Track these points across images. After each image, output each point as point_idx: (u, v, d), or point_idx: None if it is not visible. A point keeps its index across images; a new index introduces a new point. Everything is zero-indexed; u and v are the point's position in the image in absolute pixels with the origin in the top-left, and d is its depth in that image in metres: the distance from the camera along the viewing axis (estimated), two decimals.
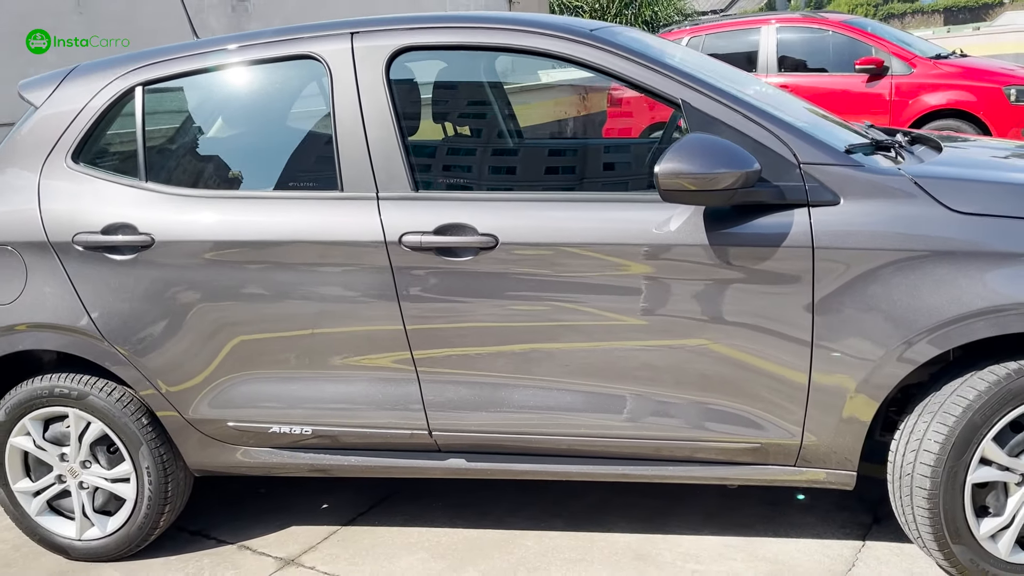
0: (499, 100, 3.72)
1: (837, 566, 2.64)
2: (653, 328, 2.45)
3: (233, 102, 2.97)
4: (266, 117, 3.00)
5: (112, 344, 2.75)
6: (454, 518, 3.10)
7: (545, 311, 2.50)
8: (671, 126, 3.50)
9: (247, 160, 2.95)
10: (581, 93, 11.96)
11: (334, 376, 2.69)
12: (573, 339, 2.51)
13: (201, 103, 2.96)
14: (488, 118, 3.70)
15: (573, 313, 2.49)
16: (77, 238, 2.74)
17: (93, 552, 2.97)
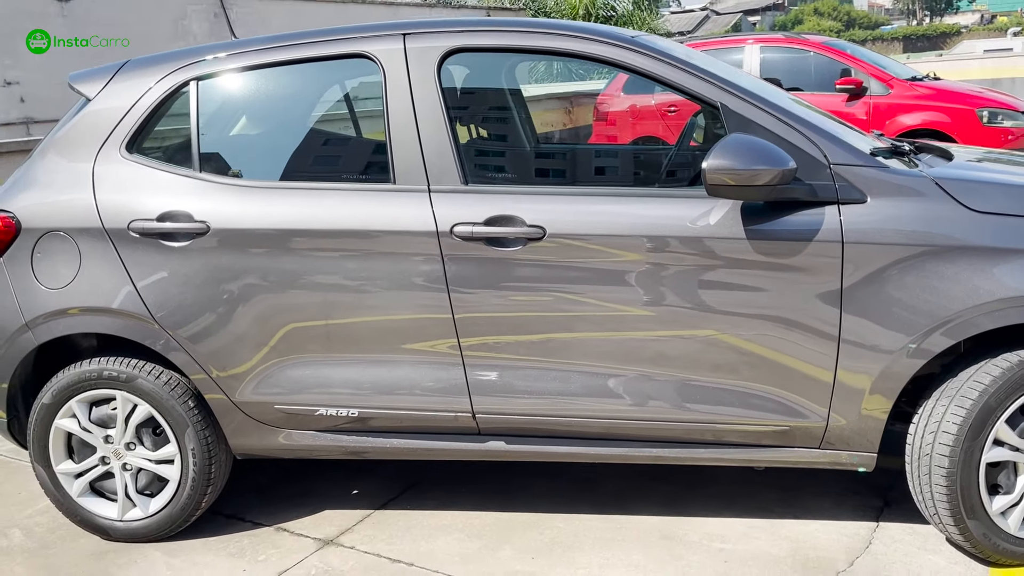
0: (519, 106, 3.89)
1: (855, 544, 2.81)
2: (691, 317, 2.61)
3: (287, 98, 3.09)
4: (319, 113, 3.12)
5: (164, 328, 2.84)
6: (483, 502, 3.23)
7: (589, 300, 2.65)
8: (688, 131, 3.69)
9: (300, 153, 3.07)
10: (567, 107, 12.18)
11: (382, 361, 2.81)
12: (615, 327, 2.66)
13: (255, 98, 3.07)
14: (509, 122, 3.85)
15: (616, 302, 2.64)
16: (133, 225, 2.83)
17: (134, 532, 3.04)
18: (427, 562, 2.84)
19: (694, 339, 2.64)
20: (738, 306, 2.58)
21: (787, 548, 2.81)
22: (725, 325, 2.60)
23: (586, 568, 2.75)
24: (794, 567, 2.70)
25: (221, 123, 3.04)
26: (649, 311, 2.63)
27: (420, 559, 2.86)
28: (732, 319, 2.59)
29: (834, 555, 2.75)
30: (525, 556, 2.85)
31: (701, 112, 3.66)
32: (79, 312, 2.89)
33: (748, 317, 2.58)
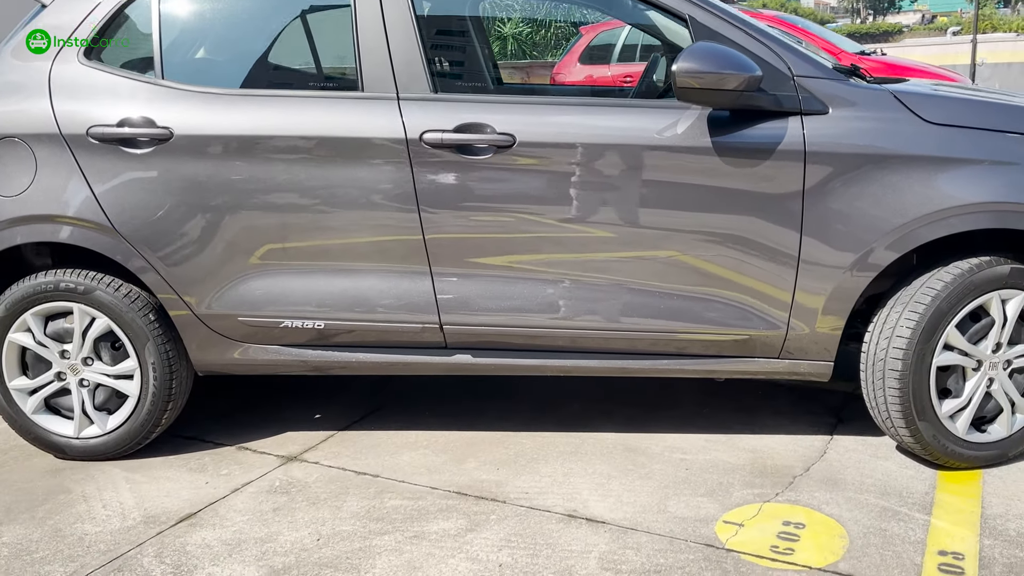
0: (482, 42, 3.89)
1: (811, 453, 2.90)
2: (657, 226, 2.66)
3: (253, 3, 3.04)
4: (286, 20, 3.08)
5: (123, 237, 2.79)
6: (448, 423, 3.24)
7: (558, 208, 2.67)
8: (650, 68, 3.73)
9: (266, 60, 3.03)
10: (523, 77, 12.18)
11: (349, 271, 2.80)
12: (583, 237, 2.69)
13: (220, 3, 3.02)
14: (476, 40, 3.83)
15: (583, 211, 2.67)
16: (92, 131, 2.76)
17: (91, 450, 2.99)
18: (392, 473, 2.85)
19: (659, 248, 2.68)
20: (703, 215, 2.63)
21: (745, 458, 2.88)
22: (690, 234, 2.65)
23: (550, 476, 2.79)
24: (752, 472, 2.77)
25: (185, 29, 2.98)
26: (617, 220, 2.67)
27: (385, 471, 2.87)
28: (697, 228, 2.64)
29: (791, 463, 2.84)
30: (490, 467, 2.88)
31: (663, 54, 3.70)
32: (35, 220, 2.82)
33: (713, 226, 2.64)
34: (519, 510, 2.58)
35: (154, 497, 2.74)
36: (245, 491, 2.76)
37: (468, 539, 2.42)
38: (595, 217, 2.68)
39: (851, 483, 2.68)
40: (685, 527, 2.45)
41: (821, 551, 2.30)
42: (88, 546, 2.45)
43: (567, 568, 2.26)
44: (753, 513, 2.51)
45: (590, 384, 3.66)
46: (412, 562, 2.31)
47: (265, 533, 2.49)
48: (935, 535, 2.37)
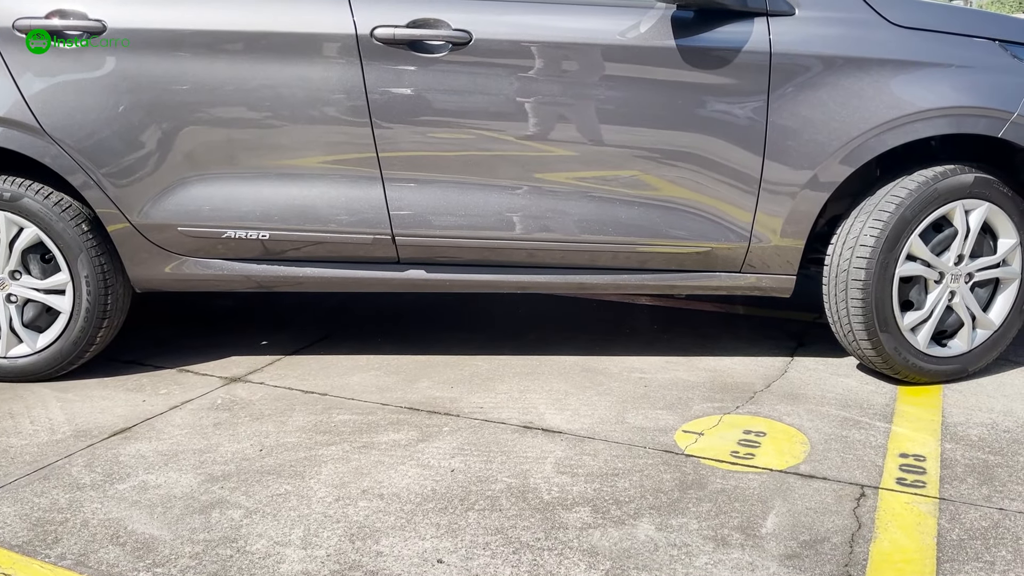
0: None
1: (771, 372, 2.85)
2: (617, 131, 2.56)
3: None
4: None
5: (53, 138, 2.61)
6: (400, 348, 3.13)
7: (514, 110, 2.56)
8: None
9: None
10: None
11: (295, 177, 2.66)
12: (540, 141, 2.59)
13: None
14: None
15: (541, 114, 2.56)
16: (18, 23, 2.57)
17: (20, 370, 2.81)
18: (341, 392, 2.73)
19: (620, 154, 2.59)
20: (666, 119, 2.54)
21: (705, 376, 2.82)
22: (651, 139, 2.56)
23: (506, 393, 2.70)
24: (712, 389, 2.71)
25: None
26: (575, 124, 2.57)
27: (334, 390, 2.75)
28: (659, 133, 2.56)
29: (751, 380, 2.78)
30: (444, 386, 2.77)
31: None
32: None
33: (675, 131, 2.55)
34: (473, 423, 2.48)
35: (86, 414, 2.59)
36: (184, 408, 2.62)
37: (419, 448, 2.32)
38: (554, 121, 2.57)
39: (812, 397, 2.63)
40: (644, 436, 2.37)
41: (782, 455, 2.24)
42: (12, 458, 2.30)
43: (522, 472, 2.17)
44: (713, 424, 2.45)
45: (548, 313, 3.58)
46: (360, 468, 2.21)
47: (204, 445, 2.36)
48: (896, 440, 2.32)
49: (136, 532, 1.91)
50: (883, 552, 1.79)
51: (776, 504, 1.99)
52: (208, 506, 2.02)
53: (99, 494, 2.09)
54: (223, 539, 1.88)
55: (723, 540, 1.84)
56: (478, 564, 1.77)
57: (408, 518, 1.96)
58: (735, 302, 3.66)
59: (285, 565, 1.78)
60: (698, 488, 2.08)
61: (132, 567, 1.78)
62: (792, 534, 1.86)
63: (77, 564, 1.79)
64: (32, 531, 1.92)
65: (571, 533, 1.88)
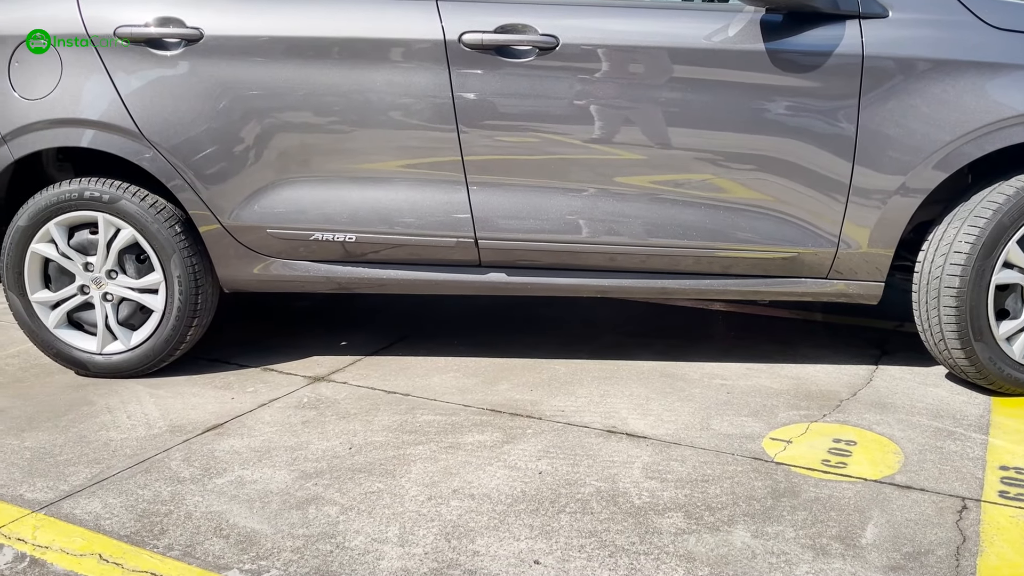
0: None
1: (856, 381, 2.80)
2: (704, 136, 2.55)
3: None
4: None
5: (151, 142, 2.70)
6: (477, 351, 3.16)
7: (600, 115, 2.56)
8: None
9: None
10: None
11: (381, 180, 2.70)
12: (627, 146, 2.58)
13: None
14: None
15: (626, 117, 2.56)
16: (119, 31, 2.67)
17: (114, 367, 2.91)
18: (423, 393, 2.77)
19: (706, 159, 2.57)
20: (754, 123, 2.52)
21: (788, 384, 2.78)
22: (738, 144, 2.54)
23: (586, 397, 2.70)
24: (797, 396, 2.67)
25: None
26: (663, 129, 2.56)
27: (416, 391, 2.78)
28: (747, 137, 2.54)
29: (836, 389, 2.73)
30: (523, 388, 2.79)
31: None
32: (60, 124, 2.73)
33: (764, 135, 2.52)
34: (556, 426, 2.49)
35: (179, 410, 2.66)
36: (272, 406, 2.68)
37: (505, 450, 2.34)
38: (639, 125, 2.57)
39: (901, 407, 2.57)
40: (731, 443, 2.35)
41: (875, 465, 2.20)
42: (114, 451, 2.38)
43: (610, 476, 2.17)
44: (801, 432, 2.42)
45: (623, 318, 3.57)
46: (448, 468, 2.23)
47: (295, 442, 2.41)
48: (994, 452, 2.26)
49: (238, 526, 1.96)
50: (991, 567, 1.74)
51: (874, 514, 1.95)
52: (304, 502, 2.06)
53: (199, 488, 2.15)
54: (322, 535, 1.92)
55: (822, 549, 1.82)
56: (575, 566, 1.78)
57: (501, 519, 1.97)
58: (812, 309, 3.61)
59: (385, 562, 1.80)
60: (791, 496, 2.05)
61: (237, 559, 1.82)
62: (894, 545, 1.83)
63: (185, 555, 1.84)
64: (139, 522, 1.99)
65: (666, 538, 1.88)
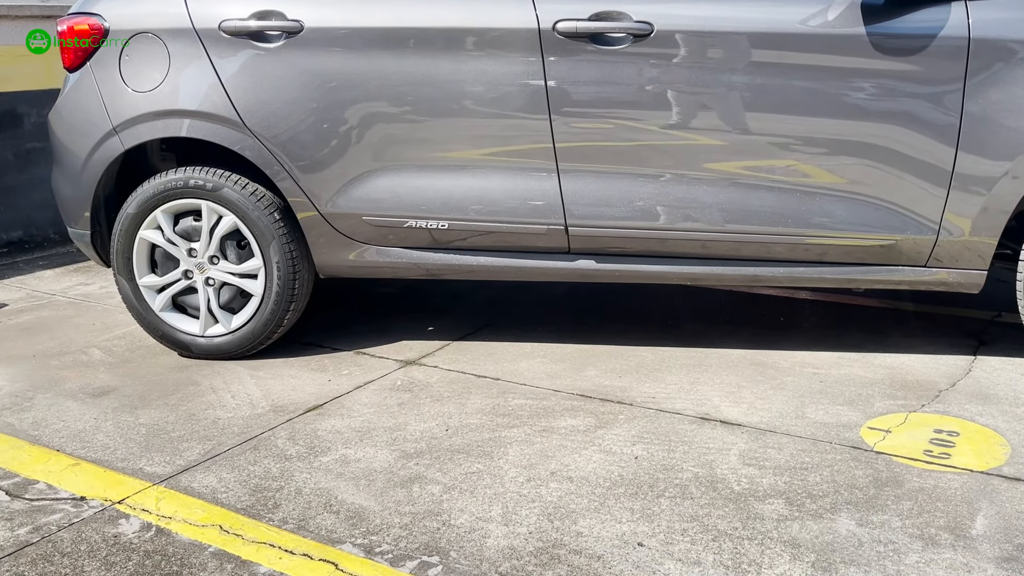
0: None
1: (954, 371, 2.74)
2: (801, 117, 2.52)
3: None
4: None
5: (253, 132, 2.79)
6: (562, 337, 3.19)
7: (695, 101, 2.56)
8: None
9: None
10: None
11: (475, 168, 2.75)
12: (722, 131, 2.57)
13: None
14: None
15: (722, 103, 2.55)
16: (224, 25, 2.77)
17: (215, 348, 3.03)
18: (513, 377, 2.81)
19: (804, 144, 2.55)
20: (855, 110, 2.48)
21: (883, 374, 2.74)
22: (836, 129, 2.51)
23: (676, 384, 2.70)
24: (892, 386, 2.64)
25: None
26: (760, 116, 2.54)
27: (505, 375, 2.83)
28: (847, 124, 2.50)
29: (934, 379, 2.68)
30: (611, 375, 2.81)
31: None
32: (167, 115, 2.85)
33: (865, 122, 2.49)
34: (648, 412, 2.51)
35: (279, 391, 2.76)
36: (368, 388, 2.76)
37: (598, 434, 2.36)
38: (737, 112, 2.55)
39: (1004, 398, 2.52)
40: (827, 431, 2.34)
41: (981, 456, 2.16)
42: (222, 428, 2.49)
43: (707, 462, 2.18)
44: (900, 421, 2.39)
45: (704, 306, 3.56)
46: (544, 451, 2.27)
47: (393, 423, 2.48)
48: None
49: (346, 502, 2.03)
50: None
51: (983, 506, 1.92)
52: (407, 480, 2.13)
53: (305, 465, 2.23)
54: (427, 512, 1.98)
55: (931, 539, 1.80)
56: (679, 549, 1.80)
57: (600, 501, 2.00)
58: (904, 298, 3.53)
59: (491, 540, 1.85)
60: (895, 486, 2.03)
61: (349, 533, 1.90)
62: (1006, 537, 1.80)
63: (299, 528, 1.92)
64: (253, 496, 2.08)
65: (768, 524, 1.88)
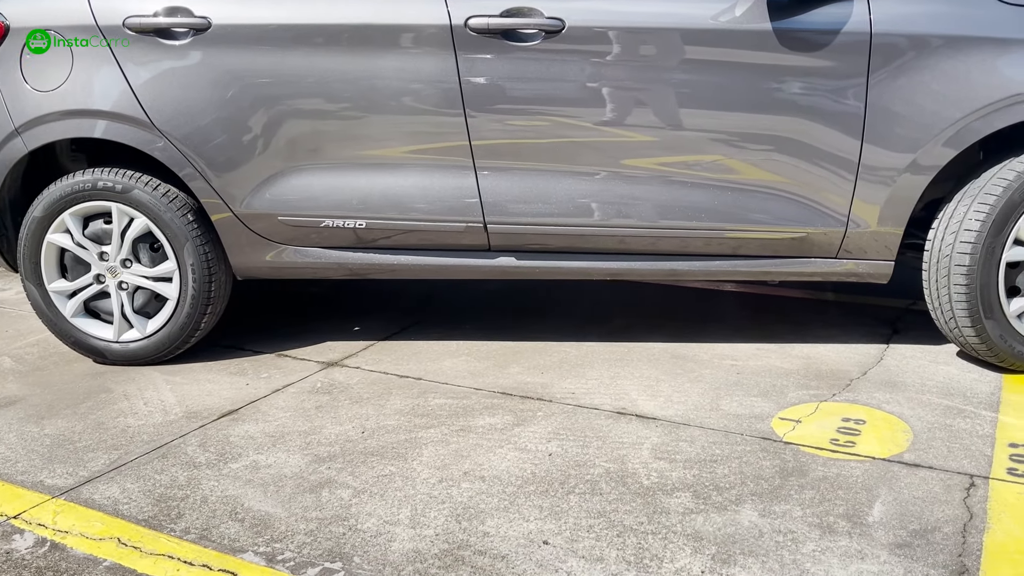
0: None
1: (866, 360, 2.80)
2: (710, 112, 2.55)
3: None
4: None
5: (161, 132, 2.72)
6: (489, 334, 3.18)
7: (607, 98, 2.56)
8: None
9: None
10: None
11: (390, 167, 2.72)
12: (634, 127, 2.58)
13: None
14: None
15: (633, 99, 2.56)
16: (128, 22, 2.69)
17: (131, 354, 2.96)
18: (435, 377, 2.79)
19: (712, 140, 2.57)
20: (761, 104, 2.51)
21: (799, 364, 2.79)
22: (745, 124, 2.54)
23: (597, 379, 2.71)
24: (807, 376, 2.68)
25: None
26: (667, 110, 2.56)
27: (428, 375, 2.81)
28: (755, 118, 2.53)
29: (846, 368, 2.74)
30: (534, 371, 2.81)
31: None
32: (71, 115, 2.76)
33: (771, 116, 2.52)
34: (566, 408, 2.51)
35: (195, 396, 2.70)
36: (286, 391, 2.72)
37: (515, 432, 2.36)
38: (647, 107, 2.57)
39: (911, 385, 2.58)
40: (740, 423, 2.37)
41: (884, 444, 2.21)
42: (131, 437, 2.42)
43: (619, 457, 2.19)
44: (810, 411, 2.43)
45: (635, 300, 3.58)
46: (459, 451, 2.26)
47: (308, 427, 2.44)
48: (1004, 429, 2.26)
49: (253, 509, 2.00)
50: (998, 543, 1.75)
51: (882, 493, 1.96)
52: (317, 486, 2.10)
53: (215, 472, 2.19)
54: (335, 517, 1.95)
55: (829, 527, 1.83)
56: (583, 546, 1.80)
57: (511, 500, 2.00)
58: (824, 289, 3.60)
59: (396, 543, 1.84)
60: (799, 475, 2.06)
61: (252, 542, 1.86)
62: (901, 523, 1.84)
63: (201, 538, 1.88)
64: (156, 506, 2.03)
65: (674, 518, 1.90)
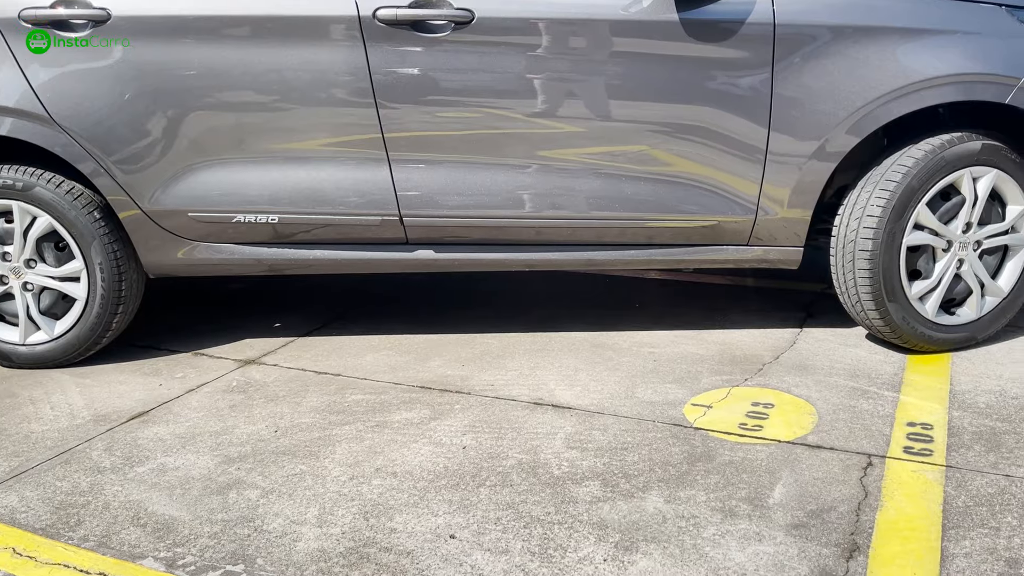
0: None
1: (780, 344, 2.86)
2: (621, 103, 2.56)
3: None
4: None
5: (63, 128, 2.63)
6: (412, 328, 3.16)
7: (518, 88, 2.56)
8: None
9: None
10: None
11: (302, 160, 2.67)
12: (545, 119, 2.59)
13: None
14: None
15: (546, 89, 2.56)
16: (24, 14, 2.59)
17: (39, 357, 2.87)
18: (354, 372, 2.77)
19: (625, 130, 2.59)
20: (669, 94, 2.54)
21: (714, 350, 2.84)
22: (656, 114, 2.56)
23: (517, 370, 2.72)
24: (721, 362, 2.73)
25: None
26: (579, 101, 2.57)
27: (347, 371, 2.79)
28: (663, 108, 2.55)
29: (760, 352, 2.79)
30: (455, 364, 2.80)
31: None
32: None
33: (680, 105, 2.54)
34: (484, 400, 2.51)
35: (105, 399, 2.63)
36: (200, 391, 2.67)
37: (431, 426, 2.35)
38: (559, 98, 2.57)
39: (821, 368, 2.64)
40: (653, 410, 2.40)
41: (790, 427, 2.26)
42: (34, 443, 2.35)
43: (532, 448, 2.20)
44: (722, 396, 2.47)
45: (557, 290, 3.60)
46: (373, 447, 2.24)
47: (221, 427, 2.40)
48: (904, 409, 2.34)
49: (156, 513, 1.96)
50: (889, 520, 1.81)
51: (783, 475, 2.01)
52: (225, 487, 2.07)
53: (119, 477, 2.14)
54: (240, 519, 1.92)
55: (731, 511, 1.87)
56: (489, 539, 1.81)
57: (421, 495, 1.99)
58: (745, 275, 3.67)
59: (301, 543, 1.82)
60: (706, 461, 2.10)
61: (153, 547, 1.82)
62: (799, 504, 1.89)
63: (100, 545, 1.84)
64: (55, 514, 1.97)
65: (581, 507, 1.91)
